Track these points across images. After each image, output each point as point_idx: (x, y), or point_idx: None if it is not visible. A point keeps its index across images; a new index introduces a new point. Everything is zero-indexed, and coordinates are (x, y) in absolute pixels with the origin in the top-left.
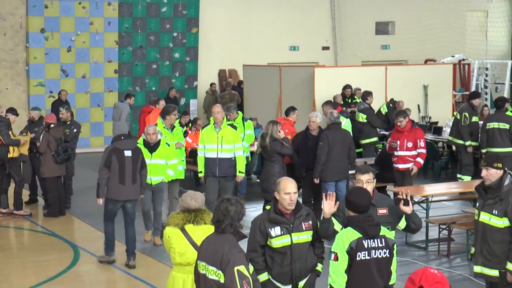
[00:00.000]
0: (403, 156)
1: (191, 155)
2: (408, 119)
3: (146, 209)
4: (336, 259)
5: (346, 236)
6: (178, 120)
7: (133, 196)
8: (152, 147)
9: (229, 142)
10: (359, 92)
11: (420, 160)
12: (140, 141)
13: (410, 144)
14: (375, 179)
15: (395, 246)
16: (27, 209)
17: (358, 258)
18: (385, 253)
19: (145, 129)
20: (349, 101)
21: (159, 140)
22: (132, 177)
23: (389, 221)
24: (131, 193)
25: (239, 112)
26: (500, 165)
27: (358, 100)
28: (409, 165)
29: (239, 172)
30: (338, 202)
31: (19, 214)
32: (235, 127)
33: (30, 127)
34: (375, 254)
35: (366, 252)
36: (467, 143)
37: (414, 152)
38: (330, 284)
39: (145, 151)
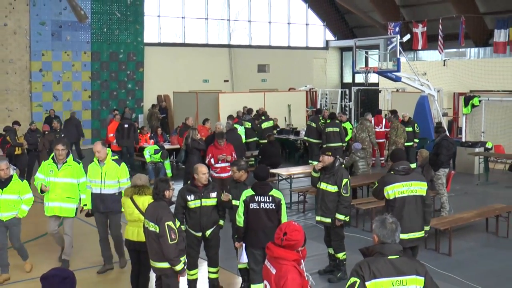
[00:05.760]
0: (224, 167)
1: (140, 150)
2: (225, 139)
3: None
4: (238, 206)
5: (245, 193)
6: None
7: (129, 144)
8: (3, 182)
9: (112, 177)
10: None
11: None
12: None
13: (229, 158)
14: (243, 170)
15: (282, 202)
16: None
17: (250, 207)
18: (271, 206)
19: None
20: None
21: (11, 176)
22: (127, 135)
23: None
24: (128, 143)
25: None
26: (329, 153)
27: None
28: (229, 173)
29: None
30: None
31: None
32: (119, 163)
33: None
34: (264, 206)
35: (256, 204)
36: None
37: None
38: (236, 221)
39: None
